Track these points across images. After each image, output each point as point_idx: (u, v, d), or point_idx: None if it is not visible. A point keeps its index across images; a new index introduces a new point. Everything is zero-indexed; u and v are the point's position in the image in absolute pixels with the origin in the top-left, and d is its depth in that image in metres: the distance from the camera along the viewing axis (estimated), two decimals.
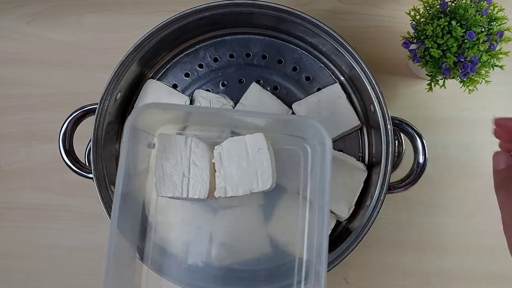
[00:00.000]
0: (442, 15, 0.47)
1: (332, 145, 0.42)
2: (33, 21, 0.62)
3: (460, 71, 0.47)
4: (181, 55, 0.55)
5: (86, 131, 0.49)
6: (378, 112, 0.48)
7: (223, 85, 0.54)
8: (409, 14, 0.50)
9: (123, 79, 0.50)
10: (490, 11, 0.47)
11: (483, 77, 0.47)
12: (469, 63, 0.46)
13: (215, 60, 0.55)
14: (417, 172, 0.48)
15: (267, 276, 0.48)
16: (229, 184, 0.45)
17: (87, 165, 0.51)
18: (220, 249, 0.48)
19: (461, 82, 0.48)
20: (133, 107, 0.54)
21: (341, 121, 0.52)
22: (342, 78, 0.54)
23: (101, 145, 0.48)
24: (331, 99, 0.52)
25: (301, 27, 0.51)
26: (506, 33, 0.47)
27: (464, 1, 0.47)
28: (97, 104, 0.48)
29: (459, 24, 0.46)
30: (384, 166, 0.47)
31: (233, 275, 0.48)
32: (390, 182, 0.47)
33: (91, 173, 0.48)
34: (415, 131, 0.49)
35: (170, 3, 0.61)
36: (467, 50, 0.46)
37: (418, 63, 0.50)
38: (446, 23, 0.46)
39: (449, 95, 0.56)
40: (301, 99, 0.53)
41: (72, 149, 0.50)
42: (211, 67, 0.54)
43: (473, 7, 0.46)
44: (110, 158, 0.51)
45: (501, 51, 0.47)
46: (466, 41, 0.46)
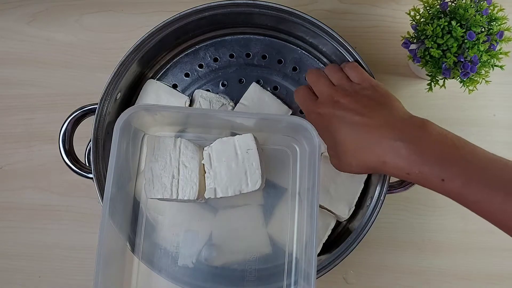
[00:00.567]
0: (442, 15, 0.47)
1: (319, 144, 0.43)
2: (33, 21, 0.62)
3: (460, 71, 0.47)
4: (181, 55, 0.55)
5: (86, 131, 0.49)
6: None
7: (223, 85, 0.54)
8: (409, 14, 0.50)
9: (123, 79, 0.50)
10: (490, 11, 0.46)
11: (483, 77, 0.47)
12: (469, 63, 0.46)
13: (215, 60, 0.55)
14: None
15: (267, 276, 0.48)
16: (218, 185, 0.45)
17: (87, 165, 0.51)
18: (219, 248, 0.48)
19: (461, 82, 0.48)
20: None
21: None
22: None
23: (101, 145, 0.48)
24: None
25: (301, 27, 0.51)
26: (506, 33, 0.47)
27: (464, 1, 0.47)
28: (97, 104, 0.48)
29: (459, 24, 0.46)
30: None
31: (232, 274, 0.48)
32: (390, 182, 0.47)
33: (91, 173, 0.48)
34: None
35: (170, 3, 0.61)
36: (467, 50, 0.46)
37: (418, 63, 0.50)
38: (446, 23, 0.46)
39: (449, 95, 0.56)
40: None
41: (72, 149, 0.50)
42: (211, 67, 0.54)
43: (473, 7, 0.46)
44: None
45: (501, 51, 0.47)
46: (466, 41, 0.46)
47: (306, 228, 0.45)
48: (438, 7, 0.48)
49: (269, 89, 0.53)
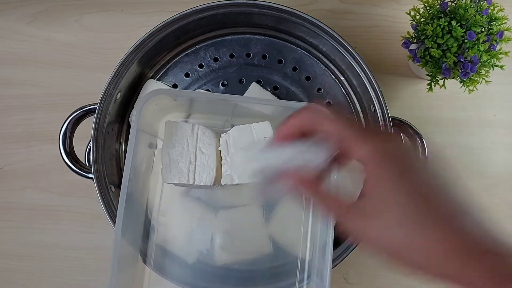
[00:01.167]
0: (442, 15, 0.47)
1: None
2: (34, 21, 0.62)
3: (460, 71, 0.47)
4: (181, 55, 0.55)
5: (86, 131, 0.49)
6: (378, 112, 0.49)
7: (223, 85, 0.54)
8: (409, 14, 0.50)
9: (123, 79, 0.50)
10: (490, 11, 0.47)
11: (483, 77, 0.47)
12: (469, 63, 0.46)
13: (215, 60, 0.55)
14: None
15: (268, 276, 0.48)
16: (235, 171, 0.45)
17: (87, 165, 0.51)
18: (221, 249, 0.48)
19: (461, 82, 0.48)
20: (133, 107, 0.54)
21: None
22: (342, 78, 0.54)
23: (101, 145, 0.48)
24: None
25: (301, 27, 0.51)
26: (506, 33, 0.47)
27: (464, 1, 0.47)
28: (97, 104, 0.48)
29: (459, 24, 0.46)
30: None
31: (233, 275, 0.48)
32: None
33: (91, 173, 0.48)
34: (415, 131, 0.49)
35: (170, 3, 0.61)
36: (467, 50, 0.46)
37: (418, 63, 0.50)
38: (446, 23, 0.46)
39: (449, 95, 0.56)
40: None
41: (72, 149, 0.50)
42: (211, 67, 0.54)
43: (473, 7, 0.46)
44: (110, 158, 0.51)
45: (501, 51, 0.47)
46: (466, 41, 0.46)
47: (320, 230, 0.45)
48: (438, 7, 0.48)
49: (269, 89, 0.53)
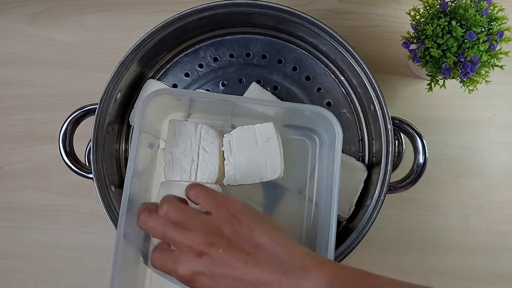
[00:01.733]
0: (442, 15, 0.47)
1: (342, 135, 0.42)
2: (34, 21, 0.62)
3: (460, 71, 0.47)
4: (181, 55, 0.55)
5: (86, 131, 0.49)
6: (378, 112, 0.49)
7: (223, 85, 0.54)
8: (409, 14, 0.50)
9: (123, 79, 0.50)
10: (490, 11, 0.47)
11: (483, 77, 0.47)
12: (469, 63, 0.46)
13: (215, 60, 0.55)
14: (417, 172, 0.49)
15: None
16: (238, 172, 0.45)
17: (87, 165, 0.51)
18: None
19: (461, 82, 0.48)
20: (133, 107, 0.54)
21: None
22: (342, 78, 0.54)
23: (101, 145, 0.48)
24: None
25: (301, 27, 0.51)
26: (506, 33, 0.47)
27: (464, 1, 0.47)
28: (97, 104, 0.48)
29: (459, 24, 0.46)
30: (384, 166, 0.47)
31: None
32: (390, 182, 0.47)
33: (91, 173, 0.48)
34: (415, 131, 0.49)
35: (170, 3, 0.61)
36: (467, 50, 0.46)
37: (418, 63, 0.50)
38: (446, 23, 0.46)
39: (449, 95, 0.56)
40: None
41: (72, 149, 0.50)
42: (211, 67, 0.54)
43: (473, 7, 0.46)
44: (110, 158, 0.51)
45: (501, 51, 0.47)
46: (466, 41, 0.46)
47: (322, 229, 0.45)
48: (438, 7, 0.48)
49: (269, 89, 0.53)
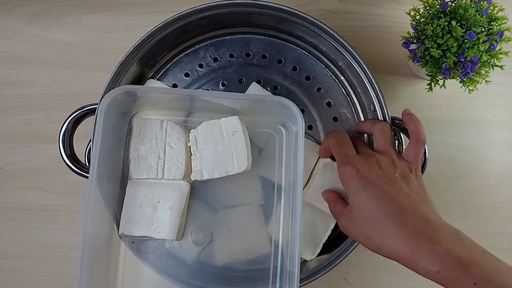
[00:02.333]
0: (442, 15, 0.47)
1: (304, 125, 0.43)
2: (34, 21, 0.62)
3: (460, 71, 0.47)
4: (181, 55, 0.55)
5: (86, 131, 0.49)
6: (378, 112, 0.49)
7: (223, 85, 0.54)
8: (409, 14, 0.50)
9: (123, 79, 0.50)
10: (490, 11, 0.47)
11: (483, 77, 0.47)
12: (469, 63, 0.46)
13: (215, 60, 0.55)
14: None
15: (268, 276, 0.48)
16: (205, 167, 0.45)
17: (87, 165, 0.51)
18: (220, 249, 0.48)
19: (461, 82, 0.48)
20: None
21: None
22: (342, 77, 0.54)
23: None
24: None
25: (301, 27, 0.51)
26: (506, 33, 0.47)
27: (464, 1, 0.47)
28: (97, 104, 0.48)
29: (459, 24, 0.46)
30: None
31: (233, 275, 0.48)
32: None
33: None
34: None
35: (170, 3, 0.61)
36: (467, 50, 0.46)
37: (418, 63, 0.50)
38: (446, 23, 0.46)
39: (449, 95, 0.56)
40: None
41: (72, 149, 0.50)
42: (211, 67, 0.54)
43: (473, 7, 0.46)
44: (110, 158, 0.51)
45: (501, 51, 0.47)
46: (466, 41, 0.46)
47: (290, 225, 0.45)
48: (438, 7, 0.48)
49: (269, 88, 0.53)
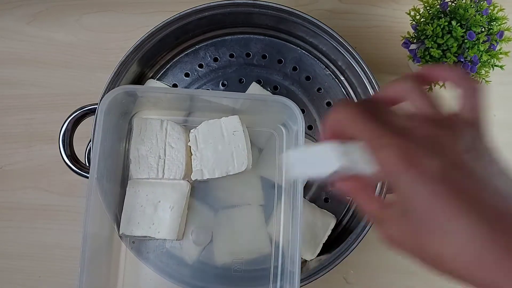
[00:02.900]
0: (442, 15, 0.47)
1: (304, 124, 0.43)
2: (34, 21, 0.62)
3: None
4: (181, 55, 0.55)
5: (86, 131, 0.49)
6: None
7: (223, 85, 0.54)
8: (409, 14, 0.50)
9: (123, 79, 0.50)
10: (490, 11, 0.47)
11: (483, 77, 0.47)
12: (469, 63, 0.46)
13: (215, 60, 0.55)
14: None
15: (268, 276, 0.48)
16: (205, 166, 0.45)
17: (87, 165, 0.51)
18: (220, 249, 0.48)
19: None
20: None
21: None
22: (342, 77, 0.54)
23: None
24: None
25: (301, 27, 0.51)
26: (506, 33, 0.47)
27: (464, 1, 0.47)
28: (97, 104, 0.48)
29: (459, 24, 0.46)
30: None
31: (233, 275, 0.48)
32: None
33: None
34: None
35: (170, 3, 0.61)
36: (467, 50, 0.46)
37: (418, 63, 0.50)
38: (446, 23, 0.46)
39: (449, 95, 0.56)
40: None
41: (72, 149, 0.50)
42: (211, 67, 0.54)
43: (473, 7, 0.46)
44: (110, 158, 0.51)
45: (501, 51, 0.47)
46: (466, 41, 0.46)
47: (291, 225, 0.45)
48: (438, 7, 0.48)
49: (269, 88, 0.53)
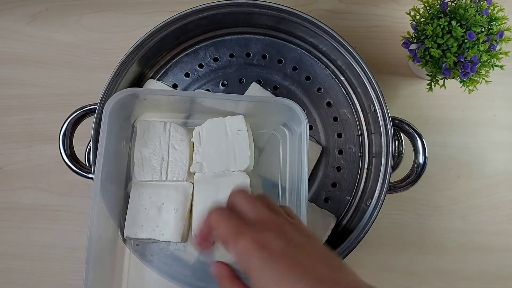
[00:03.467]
0: (442, 15, 0.47)
1: (307, 123, 0.43)
2: (33, 21, 0.62)
3: (460, 71, 0.47)
4: (181, 55, 0.55)
5: (86, 131, 0.49)
6: (378, 112, 0.49)
7: (223, 85, 0.54)
8: (409, 14, 0.50)
9: (123, 79, 0.50)
10: (490, 11, 0.47)
11: (483, 77, 0.47)
12: (469, 63, 0.46)
13: (215, 60, 0.55)
14: (417, 172, 0.48)
15: None
16: (206, 160, 0.46)
17: (87, 165, 0.51)
18: (221, 249, 0.48)
19: (461, 82, 0.48)
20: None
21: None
22: (342, 77, 0.54)
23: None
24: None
25: (301, 27, 0.51)
26: (506, 33, 0.47)
27: (464, 1, 0.47)
28: (97, 104, 0.48)
29: (459, 24, 0.46)
30: (384, 166, 0.47)
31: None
32: (390, 182, 0.47)
33: (91, 173, 0.48)
34: (415, 131, 0.49)
35: (170, 3, 0.61)
36: (467, 50, 0.46)
37: (418, 63, 0.50)
38: (446, 23, 0.46)
39: (449, 95, 0.56)
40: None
41: (72, 149, 0.50)
42: (211, 67, 0.54)
43: (473, 7, 0.46)
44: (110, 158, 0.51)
45: (501, 51, 0.47)
46: (466, 41, 0.46)
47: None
48: (438, 7, 0.48)
49: (269, 89, 0.53)
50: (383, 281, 0.56)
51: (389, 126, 0.47)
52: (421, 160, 0.48)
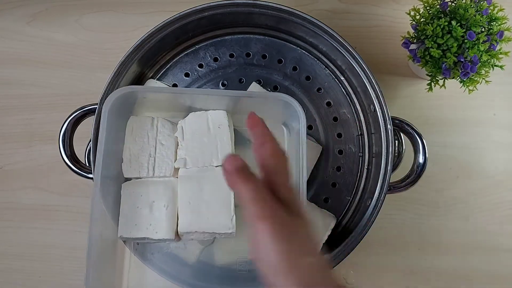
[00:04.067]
0: (442, 15, 0.47)
1: (305, 120, 0.43)
2: (33, 21, 0.62)
3: (460, 71, 0.47)
4: (181, 55, 0.55)
5: (86, 131, 0.49)
6: (378, 112, 0.49)
7: (223, 85, 0.54)
8: (409, 14, 0.50)
9: (123, 79, 0.50)
10: (490, 11, 0.47)
11: (483, 77, 0.47)
12: (469, 63, 0.46)
13: (215, 60, 0.55)
14: (417, 172, 0.48)
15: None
16: (190, 156, 0.45)
17: (87, 165, 0.51)
18: (221, 249, 0.48)
19: (461, 82, 0.48)
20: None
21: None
22: (342, 77, 0.54)
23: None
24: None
25: (301, 27, 0.51)
26: (506, 33, 0.47)
27: (464, 1, 0.47)
28: (97, 104, 0.48)
29: (459, 24, 0.46)
30: (384, 166, 0.47)
31: (233, 275, 0.48)
32: (390, 182, 0.47)
33: (91, 173, 0.48)
34: (415, 131, 0.49)
35: (170, 3, 0.61)
36: (467, 50, 0.46)
37: (418, 63, 0.50)
38: (446, 23, 0.46)
39: (449, 95, 0.56)
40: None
41: (72, 149, 0.50)
42: (211, 67, 0.54)
43: (473, 7, 0.46)
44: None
45: (501, 51, 0.47)
46: (466, 41, 0.46)
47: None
48: (438, 7, 0.48)
49: (269, 88, 0.53)
50: (383, 281, 0.56)
51: (389, 126, 0.47)
52: (421, 160, 0.48)
